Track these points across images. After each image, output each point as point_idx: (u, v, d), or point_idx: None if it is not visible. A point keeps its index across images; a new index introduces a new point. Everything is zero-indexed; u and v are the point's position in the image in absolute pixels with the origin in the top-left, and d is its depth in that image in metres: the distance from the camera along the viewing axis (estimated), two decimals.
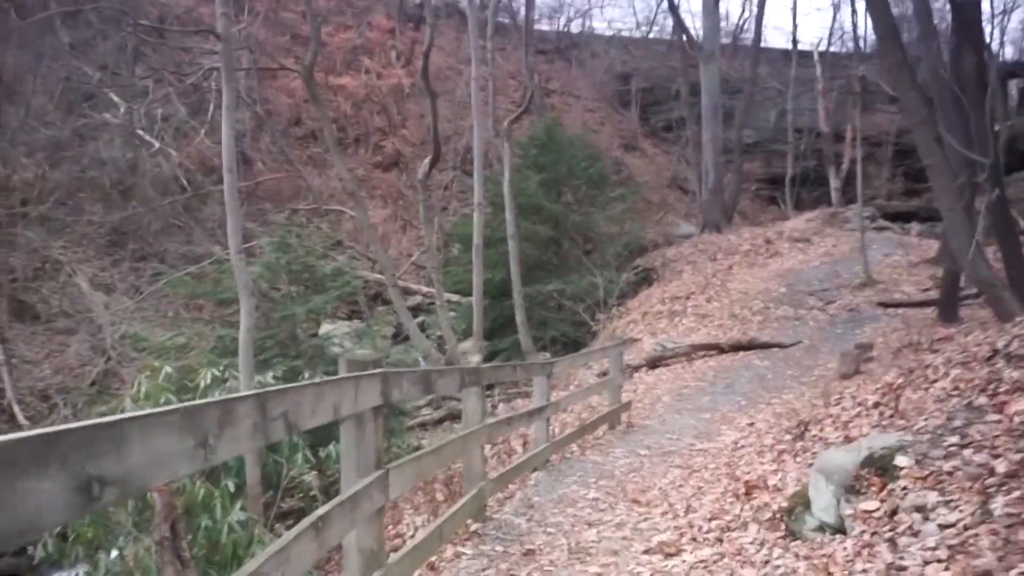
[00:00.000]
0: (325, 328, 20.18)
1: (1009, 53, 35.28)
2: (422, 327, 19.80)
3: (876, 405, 4.63)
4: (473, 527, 4.65)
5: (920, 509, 2.77)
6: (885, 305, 13.58)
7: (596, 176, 17.94)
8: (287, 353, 8.04)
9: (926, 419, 3.44)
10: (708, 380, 10.95)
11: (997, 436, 2.95)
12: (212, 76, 20.76)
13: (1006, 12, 28.88)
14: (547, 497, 5.66)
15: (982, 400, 3.36)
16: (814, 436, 5.06)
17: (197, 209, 21.45)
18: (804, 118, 31.48)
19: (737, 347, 12.32)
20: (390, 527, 6.47)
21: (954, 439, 3.09)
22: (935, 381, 4.16)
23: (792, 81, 31.19)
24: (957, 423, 3.23)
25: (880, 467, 3.15)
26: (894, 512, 2.87)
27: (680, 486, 5.84)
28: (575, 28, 40.60)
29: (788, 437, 5.92)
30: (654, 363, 12.36)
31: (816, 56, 33.58)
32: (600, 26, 41.13)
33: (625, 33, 40.28)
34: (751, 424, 8.39)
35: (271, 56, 28.49)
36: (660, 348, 12.76)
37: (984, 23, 16.97)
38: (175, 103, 23.00)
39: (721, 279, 16.20)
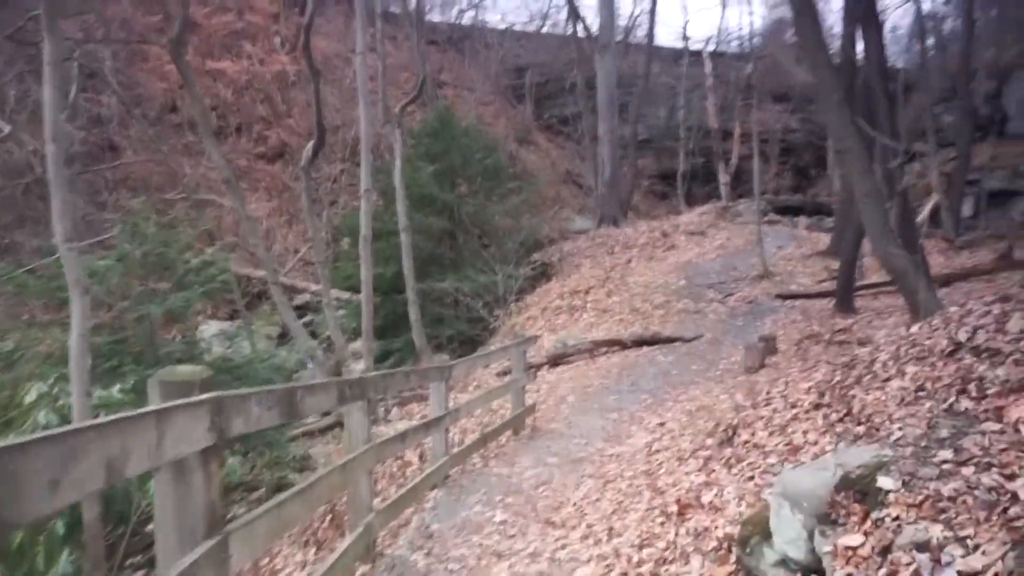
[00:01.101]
0: (204, 330, 18.71)
1: None
2: (310, 327, 18.60)
3: (817, 407, 4.12)
4: (360, 571, 3.84)
5: (923, 547, 2.19)
6: (783, 297, 13.55)
7: (492, 167, 17.28)
8: (142, 360, 6.93)
9: (901, 428, 2.91)
10: (613, 378, 10.47)
11: (1004, 450, 2.42)
12: (76, 52, 18.89)
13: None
14: (448, 523, 4.90)
15: (966, 403, 2.85)
16: (745, 442, 4.52)
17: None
18: (694, 116, 32.01)
19: (640, 342, 11.94)
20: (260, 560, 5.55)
21: (947, 454, 2.55)
22: (888, 379, 3.66)
23: (683, 78, 31.61)
24: (944, 433, 2.70)
25: (860, 491, 2.57)
26: (887, 549, 2.28)
27: (596, 500, 5.21)
28: (468, 20, 39.81)
29: (711, 441, 5.39)
30: (556, 361, 11.81)
31: (706, 55, 34.26)
32: (493, 19, 40.35)
33: (518, 27, 39.80)
34: (661, 424, 7.92)
35: (141, 36, 26.39)
36: (561, 345, 12.22)
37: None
38: (28, 82, 20.79)
39: (620, 273, 15.88)
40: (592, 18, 23.53)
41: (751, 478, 3.85)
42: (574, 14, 23.58)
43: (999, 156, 23.77)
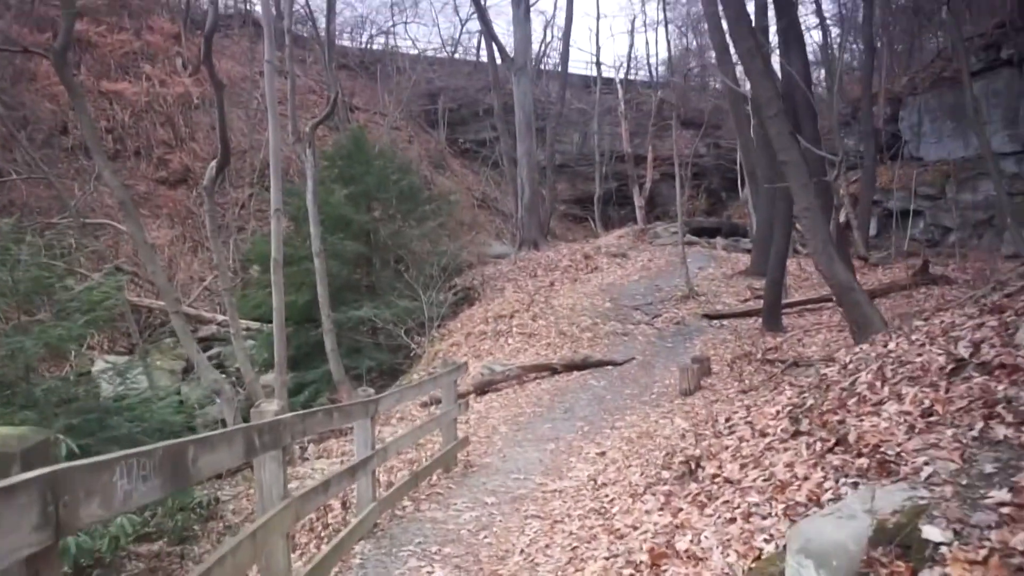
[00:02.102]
0: (100, 366, 17.23)
1: None
2: (219, 359, 17.40)
3: (796, 435, 3.69)
4: None
5: None
6: (710, 317, 13.42)
7: (407, 189, 16.64)
8: (13, 402, 5.96)
9: (927, 462, 2.48)
10: (545, 405, 9.97)
11: None
12: None
13: None
14: None
15: (1003, 430, 2.45)
16: (714, 477, 4.06)
17: None
18: (605, 141, 32.37)
19: (570, 367, 11.50)
20: None
21: (1002, 494, 2.12)
22: (881, 403, 3.27)
23: (596, 104, 31.92)
24: (987, 467, 2.28)
25: (901, 544, 2.10)
26: None
27: (546, 547, 4.64)
28: (379, 46, 39.16)
29: (667, 475, 4.93)
30: (483, 389, 11.23)
31: (618, 82, 34.79)
32: (404, 44, 39.80)
33: (431, 53, 39.41)
34: (602, 454, 7.45)
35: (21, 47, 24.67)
36: (488, 371, 11.66)
37: None
38: None
39: (545, 296, 15.47)
40: (506, 40, 23.30)
41: (731, 520, 3.37)
42: (489, 35, 23.31)
43: (897, 178, 24.75)
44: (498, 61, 23.77)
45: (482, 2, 23.11)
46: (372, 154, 16.39)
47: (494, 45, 22.85)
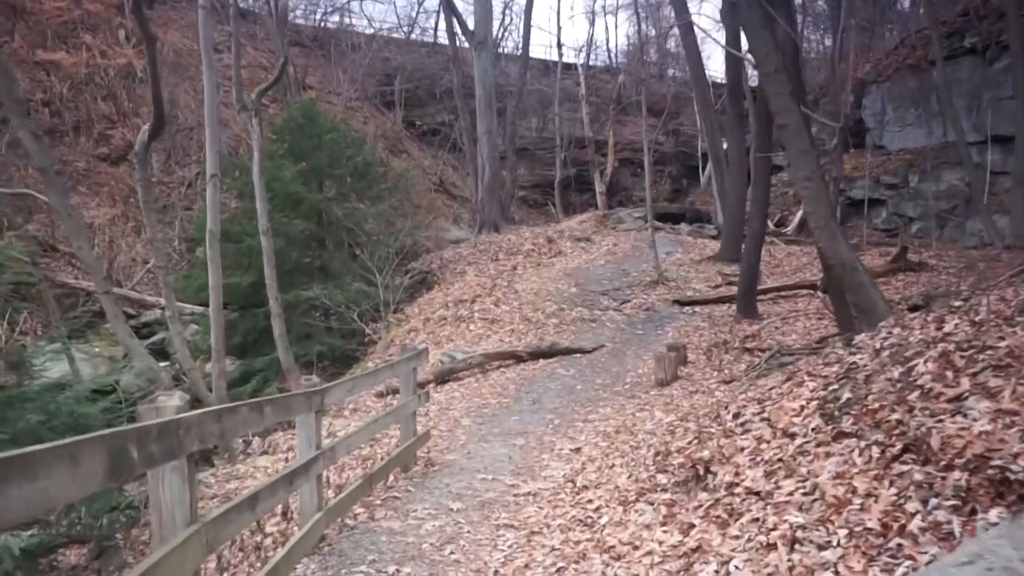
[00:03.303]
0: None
1: None
2: (163, 346, 16.28)
3: (837, 436, 3.01)
4: None
5: None
6: (681, 303, 12.84)
7: (362, 165, 15.70)
8: None
9: None
10: (511, 395, 9.25)
11: None
12: None
13: None
14: None
15: None
16: (730, 486, 3.36)
17: None
18: (565, 127, 31.82)
19: (537, 355, 10.79)
20: None
21: None
22: (961, 398, 2.61)
23: (557, 87, 31.29)
24: None
25: None
26: None
27: (526, 568, 3.91)
28: (334, 25, 37.73)
29: (665, 479, 4.23)
30: (444, 377, 10.46)
31: (579, 67, 34.22)
32: (360, 23, 38.41)
33: (387, 32, 38.14)
34: (577, 450, 6.76)
35: None
36: (449, 359, 10.89)
37: None
38: None
39: (507, 280, 14.72)
40: (466, 17, 22.32)
41: (770, 546, 2.67)
42: (449, 7, 22.32)
43: (859, 166, 24.55)
44: (458, 35, 22.83)
45: None
46: (324, 126, 15.39)
47: (454, 18, 21.87)
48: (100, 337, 17.82)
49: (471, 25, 20.81)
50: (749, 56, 8.75)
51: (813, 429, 3.28)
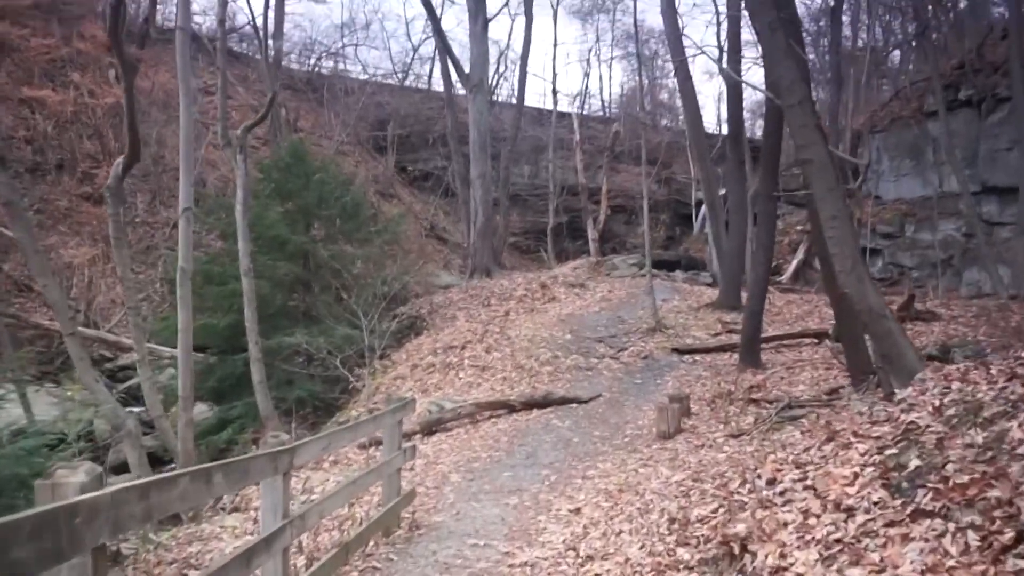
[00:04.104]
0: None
1: None
2: (138, 392, 15.55)
3: (918, 515, 2.46)
4: None
5: None
6: (680, 351, 12.31)
7: (351, 206, 15.22)
8: None
9: None
10: (503, 448, 8.62)
11: None
12: None
13: None
14: None
15: None
16: (779, 571, 2.78)
17: None
18: (558, 174, 31.76)
19: (530, 404, 10.19)
20: None
21: None
22: None
23: (552, 134, 31.29)
24: None
25: None
26: None
27: None
28: (327, 69, 37.78)
29: (688, 554, 3.65)
30: (431, 428, 9.84)
31: (573, 115, 34.34)
32: (355, 69, 38.49)
33: (382, 79, 38.18)
34: (577, 511, 6.15)
35: None
36: (437, 408, 10.27)
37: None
38: None
39: (499, 326, 14.17)
40: (463, 60, 22.16)
41: None
42: (444, 49, 22.17)
43: (856, 216, 24.39)
44: (453, 78, 22.67)
45: (438, 16, 22.04)
46: (313, 167, 14.95)
47: (449, 61, 21.70)
48: (74, 380, 17.09)
49: (467, 68, 20.63)
50: (746, 84, 8.37)
51: (876, 503, 2.73)
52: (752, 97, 30.95)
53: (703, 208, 30.98)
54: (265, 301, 13.79)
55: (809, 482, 3.32)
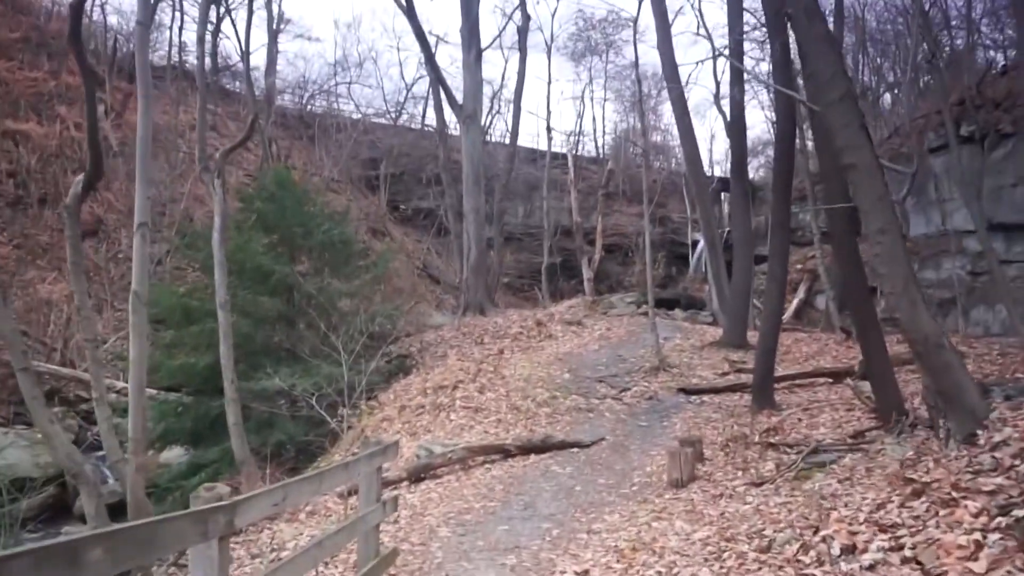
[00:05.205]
0: None
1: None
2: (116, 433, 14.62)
3: None
4: None
5: None
6: (686, 392, 11.53)
7: (339, 239, 14.50)
8: None
9: None
10: (498, 498, 7.78)
11: None
12: None
13: None
14: None
15: None
16: None
17: None
18: (552, 214, 31.39)
19: (527, 449, 9.36)
20: None
21: None
22: None
23: (547, 172, 30.94)
24: None
25: None
26: None
27: None
28: (321, 108, 37.48)
29: None
30: (419, 474, 8.99)
31: (568, 153, 34.12)
32: (347, 107, 38.22)
33: (374, 118, 37.87)
34: (584, 574, 5.31)
35: None
36: (426, 453, 9.42)
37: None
38: None
39: (493, 365, 13.36)
40: (457, 93, 21.69)
41: None
42: (437, 80, 21.70)
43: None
44: (447, 112, 22.20)
45: (431, 46, 21.63)
46: (299, 196, 14.27)
47: (442, 91, 21.22)
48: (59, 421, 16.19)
49: (460, 100, 20.15)
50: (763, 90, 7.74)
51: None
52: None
53: (699, 246, 30.58)
54: (247, 338, 12.98)
55: (908, 552, 2.55)
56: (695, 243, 31.90)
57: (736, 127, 16.65)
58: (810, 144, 20.24)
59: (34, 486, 13.46)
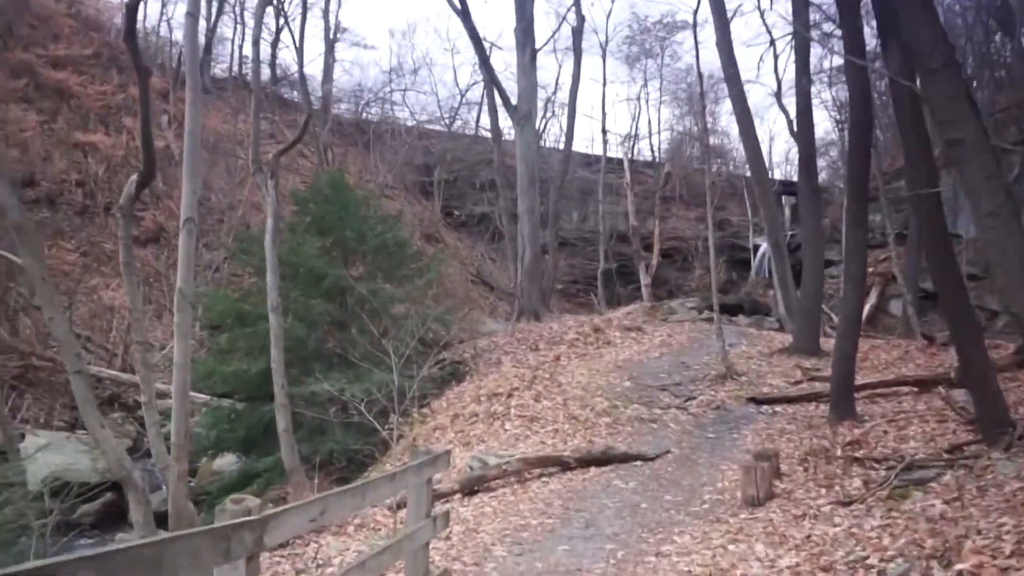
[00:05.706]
0: (31, 442, 14.32)
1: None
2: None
3: None
4: None
5: None
6: (757, 401, 10.84)
7: (393, 243, 14.19)
8: None
9: None
10: (556, 514, 7.26)
11: None
12: None
13: None
14: None
15: None
16: None
17: None
18: (607, 219, 30.75)
19: (587, 461, 8.82)
20: None
21: None
22: None
23: (602, 176, 30.32)
24: None
25: None
26: None
27: None
28: (375, 115, 37.63)
29: None
30: (472, 487, 8.54)
31: (624, 156, 33.47)
32: (402, 114, 38.29)
33: (429, 125, 37.87)
34: None
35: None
36: (480, 464, 8.97)
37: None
38: None
39: (549, 372, 12.85)
40: (512, 95, 21.31)
41: None
42: (491, 81, 21.36)
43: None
44: (501, 113, 21.85)
45: (485, 48, 21.30)
46: (353, 200, 14.02)
47: (496, 92, 20.85)
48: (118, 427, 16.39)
49: (514, 101, 19.76)
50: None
51: None
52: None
53: (761, 250, 29.53)
54: (299, 342, 12.77)
55: None
56: (756, 247, 30.85)
57: (803, 120, 15.84)
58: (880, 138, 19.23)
59: (89, 491, 13.46)
